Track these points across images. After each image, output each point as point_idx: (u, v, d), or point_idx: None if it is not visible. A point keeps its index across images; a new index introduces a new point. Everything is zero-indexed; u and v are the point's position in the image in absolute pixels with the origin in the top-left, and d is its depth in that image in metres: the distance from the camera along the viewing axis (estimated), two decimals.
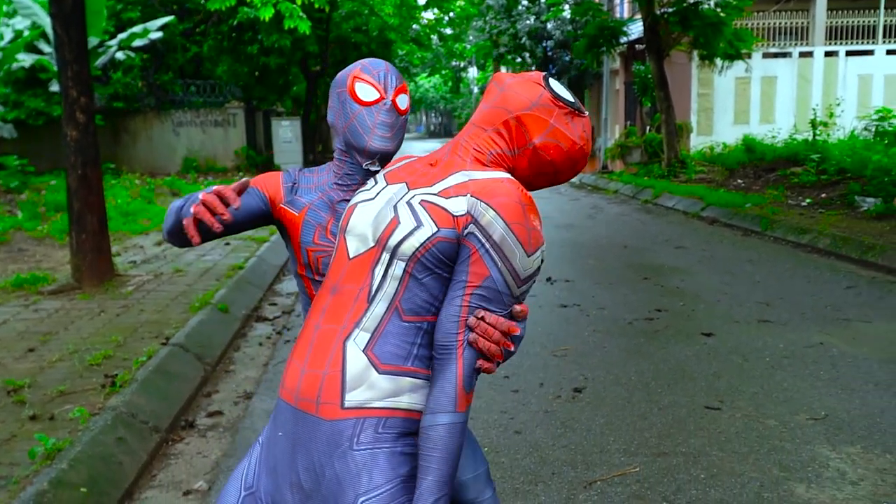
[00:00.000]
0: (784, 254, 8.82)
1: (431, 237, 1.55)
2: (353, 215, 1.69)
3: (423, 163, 1.73)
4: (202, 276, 7.11)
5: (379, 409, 1.53)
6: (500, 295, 1.54)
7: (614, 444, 3.81)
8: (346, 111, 1.88)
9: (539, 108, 1.65)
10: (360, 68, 1.90)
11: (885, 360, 4.92)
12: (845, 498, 3.26)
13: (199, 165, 19.99)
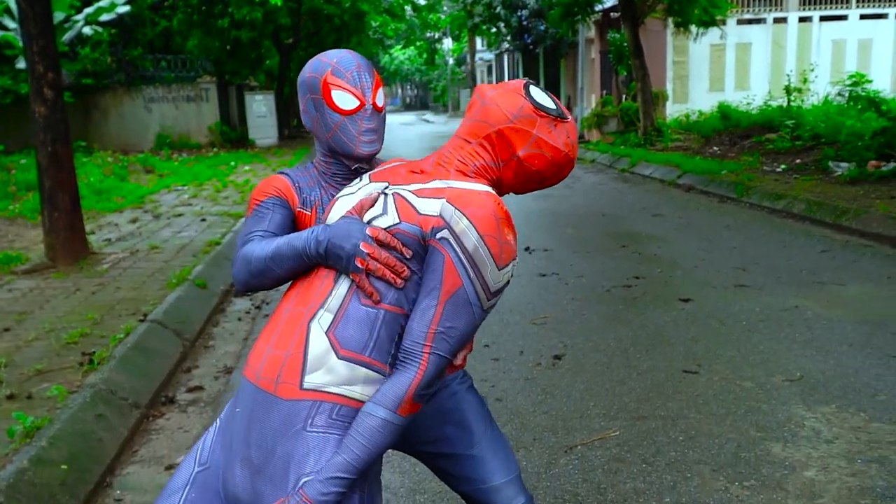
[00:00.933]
0: (760, 219, 8.90)
1: (391, 227, 1.58)
2: (334, 208, 1.72)
3: (409, 168, 1.74)
4: (179, 253, 7.05)
5: (335, 394, 1.54)
6: (470, 307, 1.57)
7: (594, 409, 3.85)
8: (327, 121, 1.82)
9: (521, 120, 1.66)
10: (332, 71, 1.80)
11: (859, 322, 4.99)
12: (820, 456, 3.32)
13: (172, 142, 19.77)
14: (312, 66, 1.85)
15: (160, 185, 12.15)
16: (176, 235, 7.97)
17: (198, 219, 8.97)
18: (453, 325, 1.56)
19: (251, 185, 11.93)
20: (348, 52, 1.87)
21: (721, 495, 3.04)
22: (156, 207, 9.92)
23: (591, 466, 3.30)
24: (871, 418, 3.64)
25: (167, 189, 11.84)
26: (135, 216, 9.23)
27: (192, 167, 14.96)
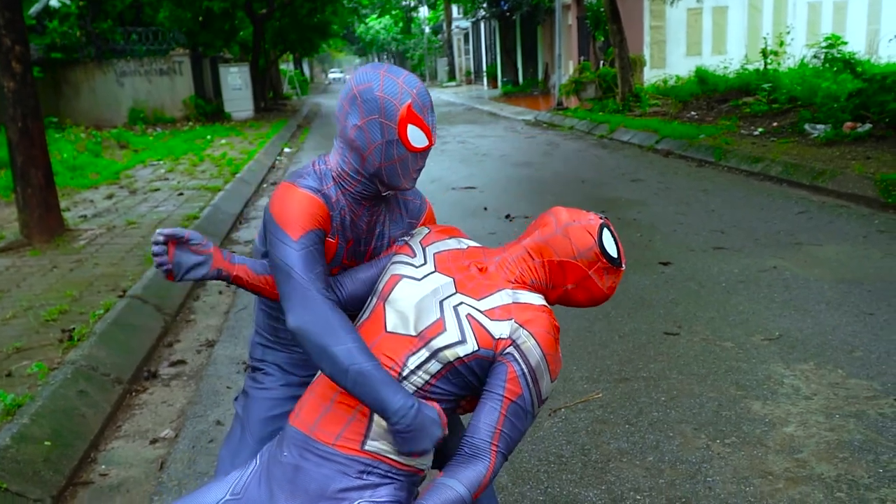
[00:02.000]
0: (738, 183, 8.94)
1: (472, 353, 1.72)
2: (397, 288, 1.81)
3: (472, 262, 1.86)
4: (157, 228, 6.98)
5: (392, 459, 1.73)
6: (525, 412, 1.74)
7: (577, 372, 3.88)
8: (391, 152, 1.78)
9: (583, 260, 1.82)
10: (412, 104, 1.76)
11: (836, 281, 5.05)
12: (799, 412, 3.37)
13: (146, 116, 19.50)
14: (386, 86, 1.76)
15: (135, 161, 12.00)
16: (153, 210, 7.90)
17: (175, 193, 8.88)
18: (513, 428, 1.73)
19: (228, 158, 11.82)
20: (419, 81, 1.83)
21: (703, 453, 3.08)
22: (131, 183, 9.81)
23: (575, 428, 3.33)
24: (849, 374, 3.69)
25: (142, 164, 11.71)
26: (110, 192, 9.12)
27: (168, 142, 14.78)
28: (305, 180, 1.81)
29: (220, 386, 3.91)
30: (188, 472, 3.10)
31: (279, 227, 1.75)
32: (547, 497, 2.82)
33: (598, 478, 2.94)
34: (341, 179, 1.85)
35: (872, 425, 3.22)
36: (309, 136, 17.25)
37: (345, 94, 1.81)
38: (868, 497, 2.73)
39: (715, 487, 2.84)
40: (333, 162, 1.87)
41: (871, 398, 3.45)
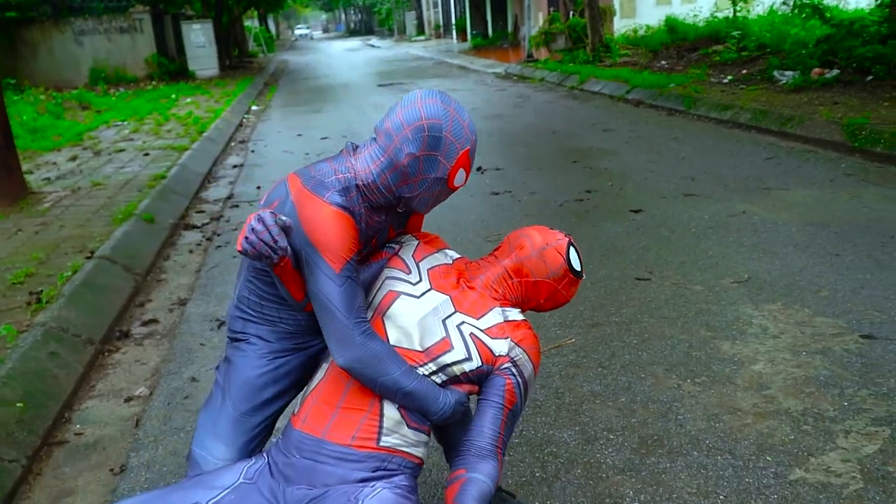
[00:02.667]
0: (707, 130, 8.97)
1: (476, 369, 1.93)
2: (396, 305, 1.95)
3: (461, 280, 2.05)
4: (123, 188, 6.89)
5: (406, 452, 1.88)
6: (518, 415, 1.99)
7: (550, 319, 3.91)
8: (434, 187, 1.89)
9: (554, 277, 2.08)
10: (471, 149, 1.89)
11: (803, 224, 5.11)
12: (767, 350, 3.43)
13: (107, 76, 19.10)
14: (454, 128, 1.84)
15: (98, 122, 11.78)
16: (119, 171, 7.77)
17: (140, 153, 8.74)
18: (510, 430, 1.97)
19: (194, 117, 11.63)
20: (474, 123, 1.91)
21: (674, 392, 3.13)
22: (95, 144, 9.63)
23: (549, 373, 3.36)
24: (815, 313, 3.76)
25: (106, 125, 11.49)
26: (74, 154, 8.95)
27: (131, 101, 14.50)
28: (333, 195, 1.81)
29: (193, 343, 3.90)
30: (164, 428, 3.10)
31: (319, 256, 1.79)
32: (522, 439, 2.86)
33: (572, 419, 2.98)
34: (367, 190, 1.88)
35: (837, 361, 3.29)
36: (276, 94, 17.01)
37: (410, 119, 1.82)
38: (833, 429, 2.80)
39: (686, 425, 2.89)
40: (363, 170, 1.88)
41: (837, 335, 3.52)
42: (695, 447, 2.75)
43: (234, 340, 2.09)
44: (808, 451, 2.68)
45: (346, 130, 10.56)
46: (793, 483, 2.52)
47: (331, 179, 1.84)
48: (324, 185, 1.82)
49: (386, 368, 1.80)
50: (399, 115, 1.84)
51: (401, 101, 1.88)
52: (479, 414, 1.93)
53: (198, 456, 1.99)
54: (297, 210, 1.81)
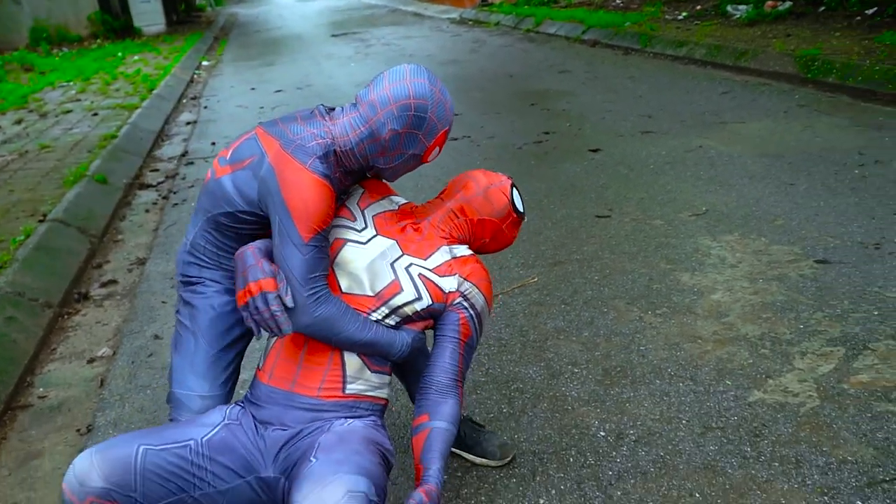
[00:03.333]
0: (663, 68, 8.98)
1: (427, 307, 1.99)
2: (343, 252, 1.98)
3: (407, 223, 2.08)
4: (73, 150, 6.72)
5: (371, 396, 1.96)
6: (474, 348, 2.06)
7: (513, 260, 3.93)
8: (409, 161, 1.96)
9: (499, 217, 2.17)
10: (449, 129, 1.96)
11: (758, 155, 5.17)
12: (725, 280, 3.49)
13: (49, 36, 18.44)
14: (438, 109, 1.89)
15: (43, 83, 11.42)
16: (67, 133, 7.57)
17: (89, 114, 8.52)
18: (467, 362, 2.04)
19: (143, 75, 11.34)
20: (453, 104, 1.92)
21: (636, 324, 3.18)
22: (41, 106, 9.36)
23: (513, 312, 3.39)
24: (771, 242, 3.83)
25: (51, 86, 11.16)
26: (19, 117, 8.69)
27: (76, 61, 14.06)
28: (316, 163, 1.83)
29: (155, 302, 3.86)
30: (129, 386, 3.08)
31: (291, 222, 1.81)
32: (489, 377, 2.90)
33: (537, 356, 3.02)
34: (343, 156, 1.91)
35: (793, 286, 3.36)
36: (227, 48, 16.63)
37: (398, 95, 1.85)
38: (790, 351, 2.87)
39: (648, 355, 2.95)
40: (341, 135, 1.90)
41: (792, 261, 3.59)
42: (657, 376, 2.81)
43: (187, 284, 2.09)
44: (766, 374, 2.75)
45: (300, 82, 10.38)
46: (752, 404, 2.58)
47: (312, 145, 1.84)
48: (305, 150, 1.83)
49: (338, 328, 1.85)
50: (387, 89, 1.86)
51: (388, 74, 1.89)
52: (437, 351, 2.00)
53: (181, 396, 2.03)
54: (275, 173, 1.82)
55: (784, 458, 2.31)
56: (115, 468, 1.66)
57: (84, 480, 1.64)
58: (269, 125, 1.91)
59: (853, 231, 3.86)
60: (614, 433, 2.51)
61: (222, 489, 1.78)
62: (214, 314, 2.05)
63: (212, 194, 1.96)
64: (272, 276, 1.81)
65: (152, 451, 1.72)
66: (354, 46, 14.11)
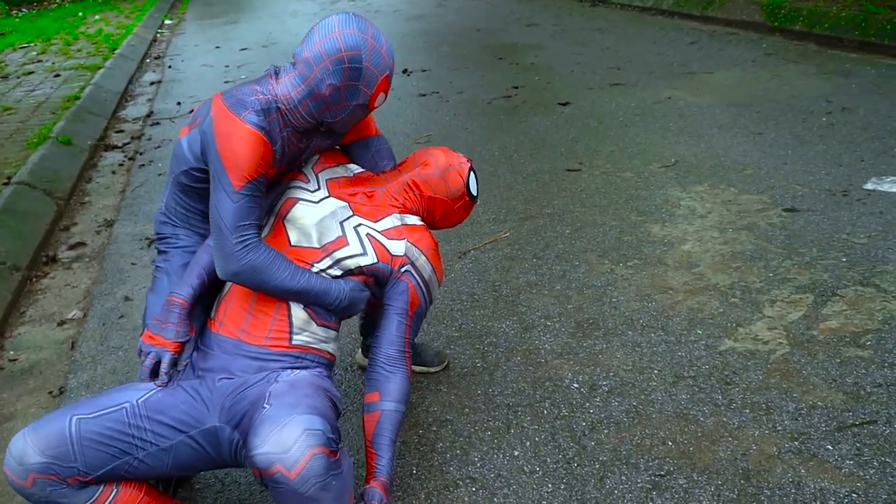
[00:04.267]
0: (631, 19, 8.94)
1: (372, 265, 2.03)
2: (295, 209, 2.04)
3: (361, 190, 2.14)
4: (35, 112, 6.57)
5: (316, 349, 1.98)
6: (422, 316, 2.14)
7: (483, 216, 3.93)
8: (356, 112, 1.94)
9: (452, 197, 2.24)
10: (389, 73, 1.93)
11: (726, 105, 5.19)
12: (695, 230, 3.52)
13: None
14: (373, 57, 1.86)
15: (3, 45, 11.12)
16: (29, 94, 7.40)
17: (51, 75, 8.32)
18: (415, 331, 2.12)
19: (105, 34, 11.07)
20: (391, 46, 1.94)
21: (607, 277, 3.21)
22: (2, 68, 9.11)
23: (485, 268, 3.40)
24: (740, 191, 3.86)
25: (11, 48, 10.86)
26: None
27: (36, 22, 13.70)
28: (251, 115, 1.83)
29: (124, 263, 3.82)
30: (101, 348, 3.06)
31: (223, 169, 1.82)
32: (462, 332, 2.91)
33: (510, 310, 3.04)
34: (290, 114, 1.91)
35: (763, 235, 3.40)
36: (190, 6, 16.25)
37: (329, 50, 1.83)
38: (759, 299, 2.92)
39: (620, 307, 2.98)
40: (283, 94, 1.90)
41: (762, 210, 3.63)
42: (629, 327, 2.84)
43: (162, 240, 2.19)
44: (737, 322, 2.79)
45: (265, 40, 10.20)
46: (723, 353, 2.63)
47: (251, 99, 1.86)
48: (243, 104, 1.85)
49: (267, 276, 1.86)
50: (318, 45, 1.84)
51: (318, 28, 1.87)
52: (385, 321, 2.08)
53: None
54: (213, 126, 1.84)
55: (755, 404, 2.36)
56: (49, 441, 1.65)
57: (21, 459, 1.63)
58: (226, 90, 1.93)
59: (821, 179, 3.91)
60: (587, 384, 2.54)
61: (165, 447, 1.78)
62: (187, 256, 2.14)
63: (174, 156, 2.05)
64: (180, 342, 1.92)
65: (86, 420, 1.71)
66: (320, 3, 13.86)
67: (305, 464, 1.56)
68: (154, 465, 1.77)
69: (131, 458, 1.74)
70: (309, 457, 1.57)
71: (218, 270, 1.88)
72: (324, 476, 1.60)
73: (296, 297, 1.91)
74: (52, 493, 1.65)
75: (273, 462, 1.57)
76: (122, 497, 1.77)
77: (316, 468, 1.58)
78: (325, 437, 1.61)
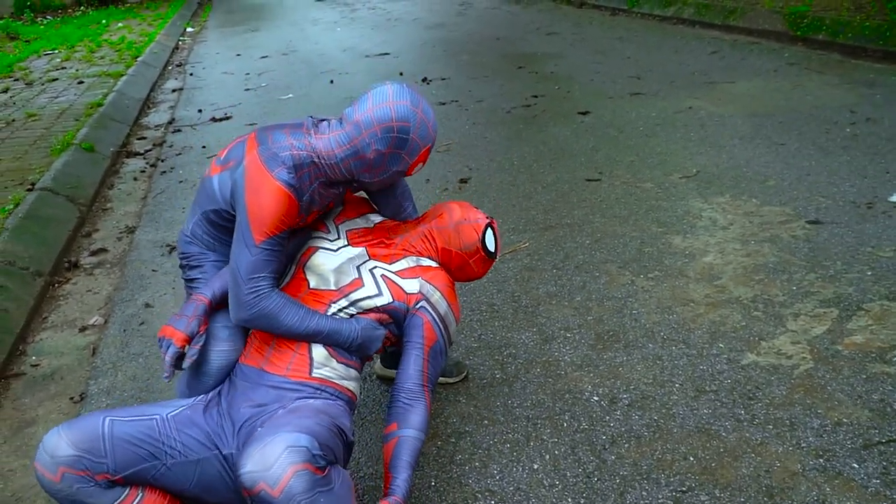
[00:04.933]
0: (651, 28, 8.91)
1: (387, 304, 2.08)
2: (315, 256, 2.12)
3: (379, 239, 2.22)
4: (59, 118, 6.63)
5: (336, 384, 2.01)
6: (441, 353, 2.14)
7: (503, 225, 3.92)
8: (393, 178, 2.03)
9: (467, 252, 2.25)
10: (431, 146, 2.02)
11: (748, 115, 5.15)
12: (717, 242, 3.50)
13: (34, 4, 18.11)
14: (420, 130, 1.95)
15: (28, 52, 11.25)
16: (53, 101, 7.47)
17: (75, 82, 8.40)
18: (434, 368, 2.12)
19: (128, 42, 11.18)
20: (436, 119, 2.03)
21: (627, 288, 3.19)
22: (26, 74, 9.22)
23: (504, 278, 3.39)
24: (763, 203, 3.83)
25: (36, 55, 10.99)
26: (5, 86, 8.57)
27: (61, 29, 13.85)
28: (282, 172, 1.89)
29: (145, 270, 3.84)
30: (121, 354, 3.08)
31: (247, 222, 1.90)
32: (481, 343, 2.90)
33: (529, 321, 3.03)
34: (328, 168, 1.98)
35: (786, 247, 3.37)
36: (212, 14, 16.38)
37: (381, 118, 1.92)
38: (783, 313, 2.89)
39: (640, 319, 2.96)
40: (326, 150, 1.97)
41: (784, 222, 3.60)
42: (650, 340, 2.82)
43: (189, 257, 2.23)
44: (760, 336, 2.77)
45: (285, 48, 10.26)
46: (745, 367, 2.60)
47: (285, 154, 1.92)
48: (276, 158, 1.91)
49: (278, 322, 1.94)
50: (370, 111, 1.92)
51: (372, 95, 1.95)
52: (404, 357, 2.10)
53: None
54: (244, 176, 1.92)
55: (778, 420, 2.33)
56: (83, 436, 1.70)
57: (54, 452, 1.67)
58: (260, 131, 2.01)
59: (845, 190, 3.87)
60: (608, 397, 2.52)
61: (193, 459, 1.82)
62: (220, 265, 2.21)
63: (204, 191, 2.10)
64: (188, 335, 1.96)
65: (119, 422, 1.77)
66: (340, 11, 13.93)
67: (287, 481, 1.57)
68: (181, 475, 1.80)
69: (159, 464, 1.77)
70: (291, 473, 1.57)
71: (231, 315, 1.96)
72: (309, 493, 1.59)
73: (308, 338, 1.98)
74: (80, 490, 1.67)
75: (257, 480, 1.58)
76: (147, 502, 1.78)
77: (299, 485, 1.57)
78: (308, 454, 1.60)
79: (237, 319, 1.94)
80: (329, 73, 8.23)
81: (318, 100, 6.98)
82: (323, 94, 7.19)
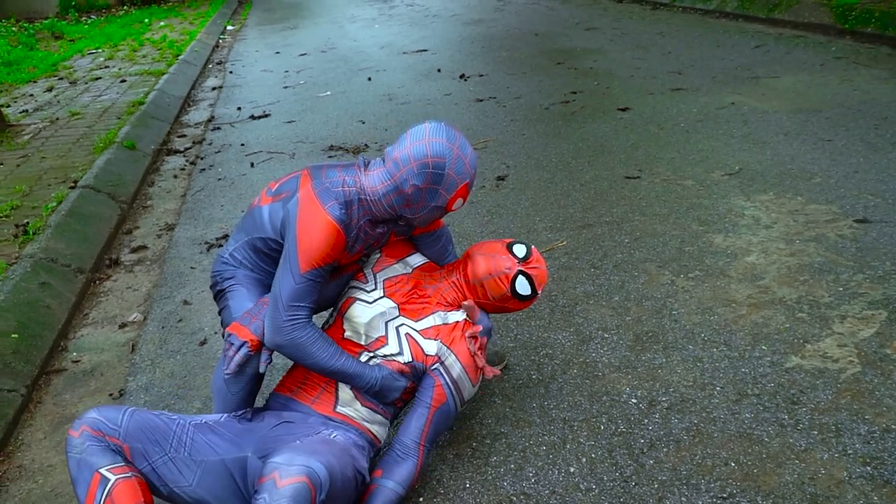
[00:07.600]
0: (693, 22, 8.77)
1: (408, 363, 2.16)
2: (352, 308, 2.23)
3: (414, 290, 2.29)
4: (102, 116, 6.73)
5: (359, 423, 2.12)
6: (449, 414, 2.18)
7: (540, 223, 3.88)
8: (434, 213, 2.09)
9: (497, 300, 2.28)
10: (469, 183, 2.07)
11: (793, 111, 5.03)
12: (760, 241, 3.41)
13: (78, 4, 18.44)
14: (456, 166, 2.01)
15: (72, 51, 11.45)
16: (96, 100, 7.59)
17: (117, 80, 8.53)
18: (438, 428, 2.17)
19: (169, 41, 11.32)
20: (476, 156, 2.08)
21: (667, 288, 3.13)
22: (71, 73, 9.39)
23: None
24: (808, 200, 3.73)
25: (80, 54, 11.18)
26: (50, 84, 8.73)
27: (104, 28, 14.08)
28: (334, 207, 1.99)
29: (183, 267, 3.87)
30: (160, 351, 3.10)
31: (296, 251, 1.98)
32: (517, 343, 2.87)
33: (567, 321, 2.99)
34: (373, 205, 2.07)
35: (832, 247, 3.28)
36: (252, 13, 16.53)
37: (417, 155, 2.00)
38: (829, 315, 2.81)
39: (680, 319, 2.90)
40: (370, 186, 2.06)
41: (831, 221, 3.50)
42: (690, 341, 2.76)
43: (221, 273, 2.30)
44: (804, 339, 2.69)
45: (324, 46, 10.30)
46: (789, 370, 2.53)
47: (337, 190, 2.03)
48: (329, 193, 2.01)
49: (308, 354, 2.02)
50: (408, 148, 2.01)
51: (410, 133, 2.04)
52: (410, 412, 2.18)
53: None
54: (298, 207, 2.01)
55: (824, 426, 2.26)
56: (109, 410, 1.91)
57: (83, 416, 1.89)
58: (314, 168, 2.11)
59: (895, 188, 3.75)
60: (646, 400, 2.47)
61: (197, 459, 1.92)
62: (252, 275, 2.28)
63: (252, 219, 2.20)
64: (258, 339, 2.06)
65: (141, 412, 1.95)
66: (378, 8, 13.95)
67: (293, 482, 1.66)
68: (181, 471, 1.90)
69: (161, 451, 1.90)
70: (299, 479, 1.67)
71: (265, 338, 2.04)
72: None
73: (332, 375, 2.07)
74: (88, 447, 1.84)
75: (274, 469, 1.70)
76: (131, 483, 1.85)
77: (296, 493, 1.65)
78: (318, 482, 1.70)
79: (271, 343, 2.02)
80: (367, 70, 8.24)
81: (356, 97, 6.99)
82: (361, 92, 7.20)
